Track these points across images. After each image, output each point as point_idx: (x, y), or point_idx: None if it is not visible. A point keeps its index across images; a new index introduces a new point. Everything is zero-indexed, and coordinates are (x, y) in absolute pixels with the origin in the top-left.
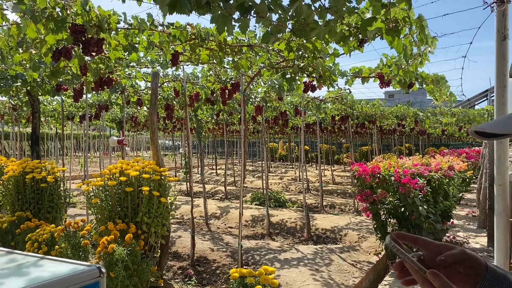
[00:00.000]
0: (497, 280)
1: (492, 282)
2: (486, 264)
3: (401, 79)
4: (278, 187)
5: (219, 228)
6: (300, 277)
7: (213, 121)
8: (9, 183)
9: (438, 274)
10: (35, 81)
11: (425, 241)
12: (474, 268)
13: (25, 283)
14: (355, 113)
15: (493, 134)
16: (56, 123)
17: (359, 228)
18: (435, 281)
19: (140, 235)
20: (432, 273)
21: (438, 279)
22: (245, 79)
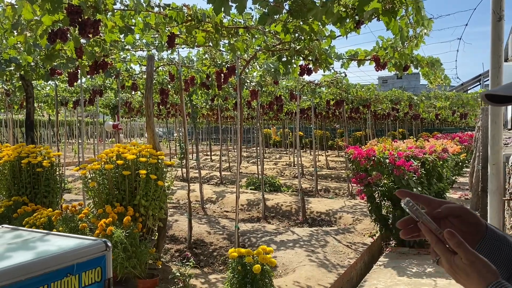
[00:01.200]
0: (496, 240)
1: (492, 242)
2: (486, 224)
3: (396, 62)
4: (273, 172)
5: (215, 212)
6: (296, 258)
7: (207, 107)
8: (4, 168)
9: (454, 233)
10: (29, 65)
11: (427, 198)
12: (474, 226)
13: (33, 255)
14: (350, 98)
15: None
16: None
17: (354, 211)
18: (451, 239)
19: (138, 218)
20: (449, 232)
21: (453, 238)
22: (240, 62)
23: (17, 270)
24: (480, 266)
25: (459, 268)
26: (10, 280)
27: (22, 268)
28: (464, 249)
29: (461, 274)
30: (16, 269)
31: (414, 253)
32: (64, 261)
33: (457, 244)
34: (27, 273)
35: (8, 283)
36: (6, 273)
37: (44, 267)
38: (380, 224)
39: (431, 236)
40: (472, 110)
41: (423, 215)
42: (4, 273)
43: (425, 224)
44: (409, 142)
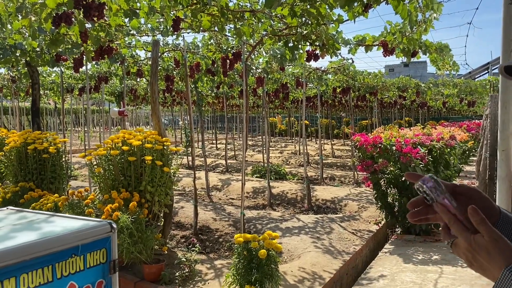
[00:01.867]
0: (510, 224)
1: (506, 226)
2: (499, 208)
3: (404, 47)
4: (278, 161)
5: (221, 200)
6: (302, 245)
7: (213, 95)
8: (11, 154)
9: (477, 209)
10: (34, 51)
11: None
12: (488, 209)
13: (37, 236)
14: (356, 85)
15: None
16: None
17: (359, 198)
18: (474, 216)
19: (143, 203)
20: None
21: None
22: (246, 48)
23: (21, 250)
24: (503, 245)
25: (480, 246)
26: (15, 260)
27: (26, 248)
28: (487, 227)
29: (482, 253)
30: (21, 249)
31: (420, 241)
32: (69, 242)
33: (480, 221)
34: (32, 253)
35: (12, 262)
36: (10, 253)
37: (48, 247)
38: (386, 212)
39: (449, 215)
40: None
41: (445, 192)
42: (9, 252)
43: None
44: (416, 129)
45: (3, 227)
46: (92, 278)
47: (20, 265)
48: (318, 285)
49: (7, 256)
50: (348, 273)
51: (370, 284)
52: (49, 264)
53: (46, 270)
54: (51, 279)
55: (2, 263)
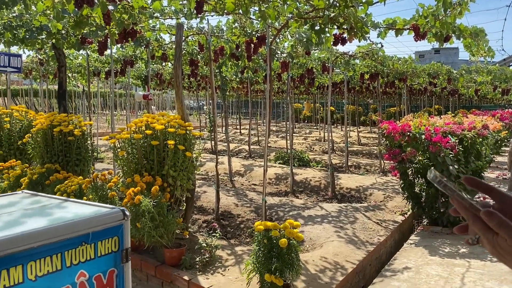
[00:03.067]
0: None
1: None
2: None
3: (437, 32)
4: (302, 147)
5: (243, 185)
6: (324, 234)
7: (237, 80)
8: (37, 136)
9: (493, 212)
10: (59, 33)
11: (501, 194)
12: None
13: (47, 222)
14: (385, 71)
15: None
16: (82, 80)
17: (385, 188)
18: (490, 221)
19: (166, 188)
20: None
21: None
22: (271, 31)
23: (29, 236)
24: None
25: (504, 250)
26: (22, 247)
27: (35, 234)
28: (508, 230)
29: (507, 255)
30: (29, 236)
31: (447, 233)
32: (79, 229)
33: (498, 225)
34: (40, 240)
35: (19, 249)
36: (17, 239)
37: (58, 234)
38: (413, 202)
39: (467, 213)
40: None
41: (455, 191)
42: (16, 239)
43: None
44: (446, 118)
45: (14, 211)
46: (103, 267)
47: (28, 252)
48: (340, 276)
49: (14, 243)
50: (371, 264)
51: (394, 276)
52: (58, 252)
53: (54, 258)
54: (60, 267)
55: (9, 250)
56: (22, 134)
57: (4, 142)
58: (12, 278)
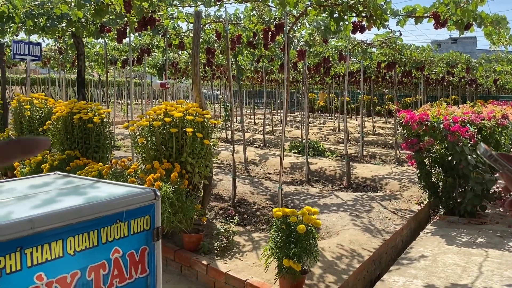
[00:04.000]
0: None
1: None
2: None
3: (458, 19)
4: (316, 137)
5: (258, 174)
6: (340, 222)
7: (252, 69)
8: (58, 123)
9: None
10: (79, 21)
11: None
12: None
13: (83, 200)
14: (403, 59)
15: None
16: (99, 68)
17: (401, 177)
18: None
19: (184, 174)
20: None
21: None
22: (289, 19)
23: (68, 213)
24: None
25: None
26: (62, 223)
27: (73, 211)
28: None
29: None
30: (68, 213)
31: (464, 223)
32: (114, 208)
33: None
34: (78, 217)
35: (59, 225)
36: (58, 216)
37: (94, 211)
38: (429, 192)
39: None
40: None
41: (505, 165)
42: (56, 215)
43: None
44: (465, 107)
45: (50, 190)
46: (136, 245)
47: (67, 228)
48: (356, 263)
49: (55, 218)
50: (387, 252)
51: (410, 264)
52: (95, 228)
53: (91, 234)
54: (97, 243)
55: (50, 225)
56: (42, 121)
57: (25, 129)
58: (54, 252)
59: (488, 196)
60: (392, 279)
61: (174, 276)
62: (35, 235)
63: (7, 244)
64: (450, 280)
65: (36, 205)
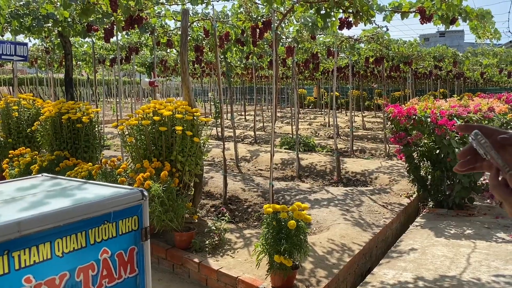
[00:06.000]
0: None
1: None
2: None
3: (443, 14)
4: (307, 133)
5: (250, 171)
6: (331, 216)
7: (242, 66)
8: (46, 124)
9: None
10: (66, 21)
11: (489, 129)
12: None
13: (70, 202)
14: (390, 54)
15: None
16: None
17: (390, 171)
18: None
19: (174, 173)
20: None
21: None
22: (277, 16)
23: (55, 215)
24: None
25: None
26: (49, 225)
27: (60, 213)
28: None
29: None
30: (55, 215)
31: (453, 215)
32: (101, 209)
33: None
34: (66, 218)
35: (46, 228)
36: (45, 218)
37: (81, 213)
38: (418, 185)
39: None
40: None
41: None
42: (44, 218)
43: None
44: (452, 101)
45: (38, 193)
46: (125, 245)
47: (55, 230)
48: (347, 257)
49: (42, 221)
50: (377, 245)
51: (400, 257)
52: (83, 230)
53: (79, 235)
54: (85, 244)
55: (38, 228)
56: (30, 122)
57: (13, 130)
58: (41, 254)
59: (476, 188)
60: (382, 272)
61: (166, 275)
62: (22, 238)
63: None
64: (439, 272)
65: (23, 207)
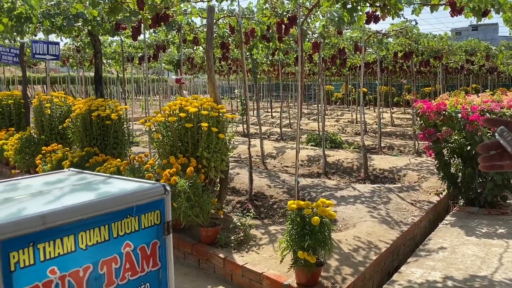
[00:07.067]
0: None
1: None
2: None
3: (475, 6)
4: (334, 129)
5: (275, 167)
6: (357, 214)
7: (268, 62)
8: (77, 121)
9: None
10: (95, 20)
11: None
12: None
13: (94, 196)
14: (420, 49)
15: None
16: (116, 66)
17: (419, 168)
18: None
19: (200, 169)
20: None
21: None
22: (302, 11)
23: (79, 209)
24: None
25: None
26: (73, 218)
27: (84, 207)
28: None
29: None
30: (79, 208)
31: (484, 213)
32: (124, 203)
33: None
34: (89, 212)
35: (71, 220)
36: (70, 211)
37: (105, 207)
38: (448, 182)
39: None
40: None
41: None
42: (68, 211)
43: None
44: (484, 96)
45: (64, 187)
46: (147, 239)
47: (79, 223)
48: (373, 255)
49: (66, 214)
50: (405, 244)
51: (428, 255)
52: (106, 223)
53: (103, 229)
54: (108, 238)
55: (62, 220)
56: (62, 119)
57: (46, 127)
58: (66, 247)
59: (509, 186)
60: (410, 270)
61: (192, 270)
62: (47, 230)
63: (20, 240)
64: (469, 272)
65: (49, 201)
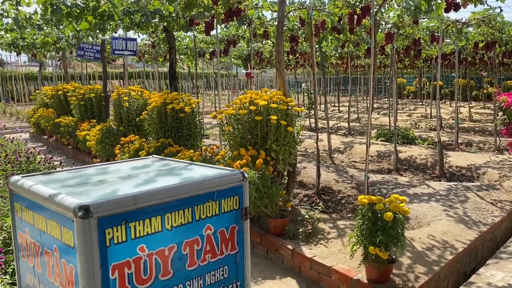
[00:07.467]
0: None
1: None
2: None
3: None
4: (406, 124)
5: (343, 162)
6: (432, 212)
7: (337, 55)
8: (153, 113)
9: None
10: (170, 16)
11: None
12: None
13: (178, 180)
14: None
15: None
16: (188, 61)
17: (501, 166)
18: None
19: (269, 161)
20: None
21: None
22: (376, 1)
23: (166, 191)
24: None
25: None
26: (160, 200)
27: (170, 190)
28: None
29: None
30: (166, 191)
31: None
32: (206, 187)
33: None
34: (175, 195)
35: (158, 202)
36: (157, 193)
37: (189, 190)
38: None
39: None
40: None
41: None
42: (155, 193)
43: None
44: None
45: (150, 171)
46: (226, 223)
47: (165, 205)
48: (449, 255)
49: (154, 196)
50: (484, 245)
51: (510, 258)
52: (189, 206)
53: (186, 211)
54: (191, 220)
55: (150, 202)
56: (139, 111)
57: (124, 119)
58: (153, 226)
59: None
60: (489, 273)
61: (261, 259)
62: (137, 210)
63: (114, 218)
64: None
65: (138, 184)
